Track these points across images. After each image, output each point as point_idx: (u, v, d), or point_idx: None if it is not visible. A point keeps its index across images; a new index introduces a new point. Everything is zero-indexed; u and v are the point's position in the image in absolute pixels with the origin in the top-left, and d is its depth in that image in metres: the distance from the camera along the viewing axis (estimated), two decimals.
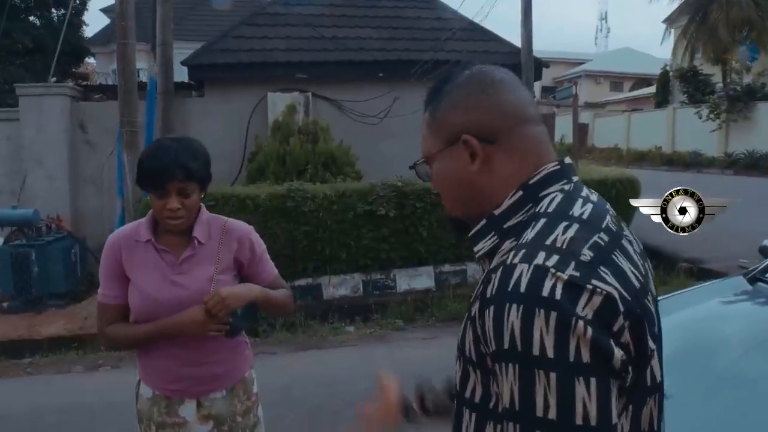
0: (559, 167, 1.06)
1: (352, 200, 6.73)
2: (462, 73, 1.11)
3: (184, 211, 1.88)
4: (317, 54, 8.93)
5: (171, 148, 1.85)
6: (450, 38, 9.38)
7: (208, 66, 8.48)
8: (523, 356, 0.84)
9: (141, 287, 1.92)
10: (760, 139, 22.75)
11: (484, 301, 0.92)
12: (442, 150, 1.11)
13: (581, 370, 0.81)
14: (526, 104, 1.08)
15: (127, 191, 6.76)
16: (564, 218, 0.96)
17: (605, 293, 0.85)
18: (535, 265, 0.87)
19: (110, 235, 2.02)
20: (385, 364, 4.95)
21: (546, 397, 0.82)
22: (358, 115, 8.88)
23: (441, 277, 7.13)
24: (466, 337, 1.00)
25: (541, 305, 0.83)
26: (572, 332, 0.82)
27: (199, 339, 1.91)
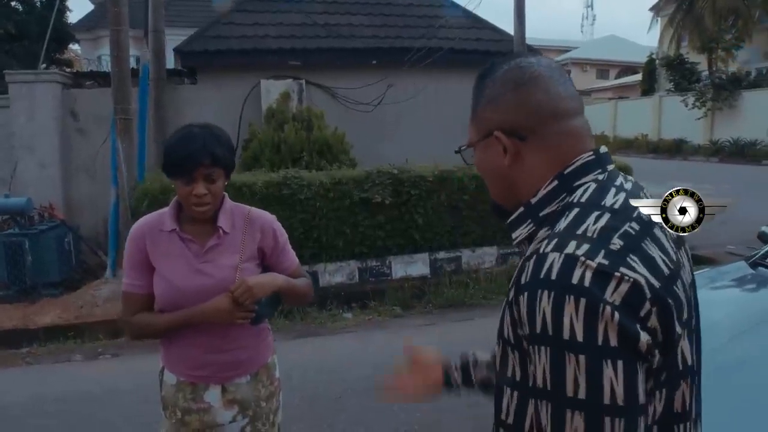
0: (594, 157, 1.08)
1: (348, 188, 6.73)
2: (502, 67, 1.13)
3: (211, 197, 1.88)
4: (310, 41, 8.88)
5: (198, 134, 1.85)
6: (443, 26, 9.38)
7: (200, 53, 8.40)
8: (555, 340, 0.88)
9: (166, 276, 1.92)
10: (744, 126, 22.99)
11: (519, 287, 0.96)
12: (479, 141, 1.15)
13: (609, 353, 0.86)
14: (559, 100, 1.09)
15: (122, 179, 6.72)
16: (596, 208, 0.99)
17: (632, 280, 0.89)
18: (566, 254, 0.91)
19: (134, 225, 2.01)
20: (385, 351, 5.00)
21: (576, 378, 0.86)
22: (352, 102, 8.87)
23: (436, 264, 7.16)
24: (504, 320, 1.04)
25: (571, 292, 0.88)
26: (600, 317, 0.86)
27: (224, 326, 1.92)
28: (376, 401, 1.63)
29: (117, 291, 6.46)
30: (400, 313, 6.23)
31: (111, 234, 7.04)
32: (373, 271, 6.93)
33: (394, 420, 3.84)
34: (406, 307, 6.38)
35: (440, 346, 5.09)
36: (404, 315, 6.19)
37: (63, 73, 8.82)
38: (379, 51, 9.07)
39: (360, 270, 6.89)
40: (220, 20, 8.99)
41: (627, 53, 40.87)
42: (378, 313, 6.15)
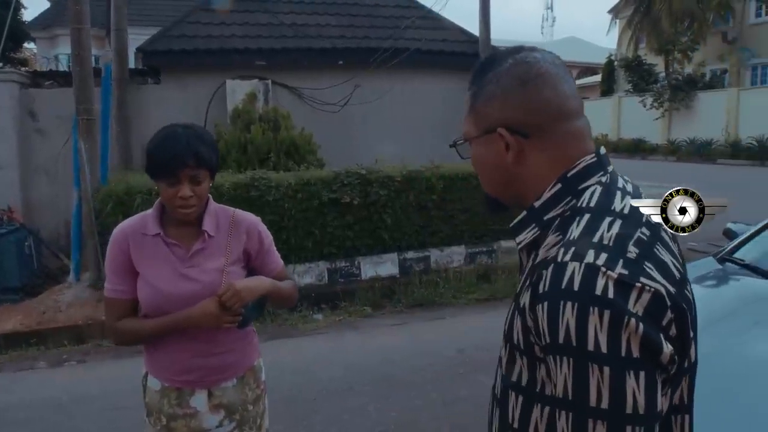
0: (595, 159, 1.08)
1: (317, 188, 6.69)
2: (506, 61, 1.10)
3: (196, 199, 1.84)
4: (276, 41, 8.82)
5: (182, 134, 1.82)
6: (409, 26, 9.41)
7: (164, 52, 8.27)
8: (578, 351, 0.88)
9: (151, 282, 1.88)
10: (700, 126, 23.61)
11: (536, 296, 0.95)
12: (479, 136, 1.13)
13: (632, 365, 0.87)
14: (565, 99, 1.08)
15: (85, 181, 6.56)
16: (607, 213, 0.99)
17: (653, 290, 0.89)
18: (586, 263, 0.90)
19: (116, 228, 1.96)
20: (357, 352, 5.01)
21: (599, 389, 0.87)
22: (319, 103, 8.84)
23: (405, 263, 7.17)
24: (514, 325, 1.04)
25: (595, 303, 0.87)
26: (624, 329, 0.87)
27: (210, 330, 1.89)
28: None
29: (81, 296, 6.32)
30: (370, 313, 6.23)
31: (73, 237, 6.87)
32: (342, 272, 6.91)
33: (370, 420, 3.83)
34: (377, 307, 6.38)
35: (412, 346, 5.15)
36: (375, 315, 6.19)
37: (20, 72, 8.59)
38: (346, 51, 9.05)
39: (329, 271, 6.86)
40: (184, 19, 8.86)
41: (587, 54, 41.54)
42: (348, 314, 6.14)
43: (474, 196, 7.29)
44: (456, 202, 7.24)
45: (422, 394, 4.15)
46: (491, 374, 4.03)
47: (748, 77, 27.25)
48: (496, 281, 6.95)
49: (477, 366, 4.54)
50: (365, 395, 4.16)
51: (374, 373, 4.53)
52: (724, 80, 27.68)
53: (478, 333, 5.34)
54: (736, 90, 24.05)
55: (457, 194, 7.23)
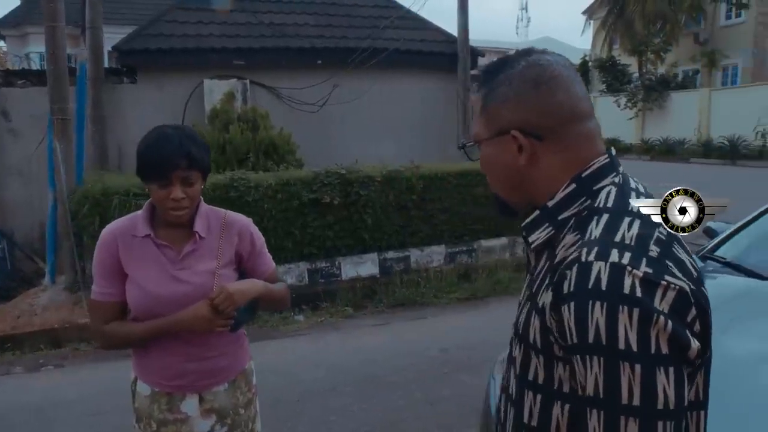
0: (608, 160, 1.10)
1: (297, 189, 6.66)
2: (518, 63, 1.11)
3: (188, 200, 1.81)
4: (254, 40, 8.76)
5: (173, 135, 1.79)
6: (388, 26, 9.41)
7: (140, 51, 8.16)
8: (609, 350, 0.89)
9: (141, 284, 1.84)
10: (673, 126, 23.97)
11: (560, 296, 0.95)
12: (491, 138, 1.13)
13: (661, 361, 0.88)
14: (577, 101, 1.09)
15: (60, 182, 6.45)
16: (625, 213, 1.00)
17: (678, 288, 0.91)
18: (611, 263, 0.91)
19: (104, 230, 1.91)
20: (340, 352, 4.99)
21: (630, 386, 0.88)
22: (297, 102, 8.80)
23: (385, 263, 7.16)
24: (530, 325, 1.05)
25: (624, 302, 0.89)
26: (653, 326, 0.88)
27: (202, 334, 1.86)
28: None
29: (57, 299, 6.21)
30: (352, 313, 6.21)
31: (49, 239, 6.75)
32: (322, 272, 6.88)
33: (354, 421, 3.82)
34: (358, 307, 6.36)
35: (394, 345, 5.14)
36: (356, 315, 6.18)
37: None
38: (325, 51, 9.02)
39: (310, 271, 6.83)
40: (161, 18, 8.75)
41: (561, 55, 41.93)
42: (330, 314, 6.12)
43: (454, 196, 7.32)
44: (436, 201, 7.26)
45: (406, 394, 4.14)
46: (475, 373, 4.06)
47: (719, 78, 27.76)
48: (477, 280, 6.97)
49: (460, 365, 4.55)
50: (349, 396, 4.15)
51: (357, 374, 4.51)
52: (696, 81, 28.16)
53: (461, 332, 5.36)
54: (708, 90, 24.46)
55: (436, 194, 7.24)
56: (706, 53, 27.12)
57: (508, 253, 7.72)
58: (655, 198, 1.06)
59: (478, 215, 7.48)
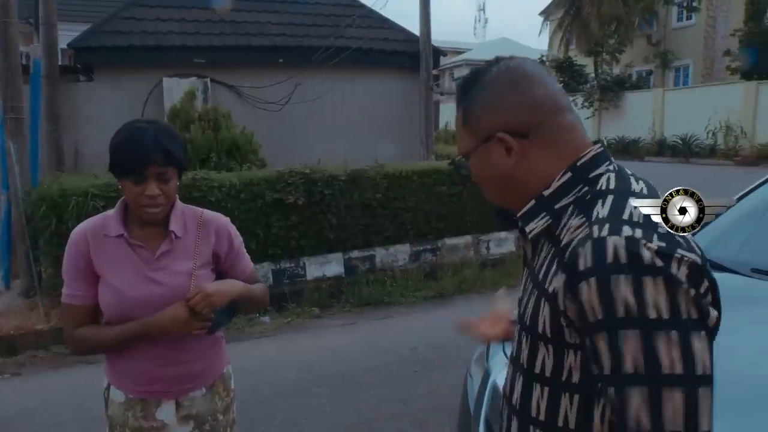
0: (602, 149, 1.11)
1: (260, 188, 6.58)
2: (489, 71, 1.14)
3: (163, 198, 1.74)
4: (214, 38, 8.63)
5: (148, 130, 1.72)
6: (350, 25, 9.37)
7: (96, 49, 7.96)
8: (641, 321, 0.88)
9: (115, 286, 1.76)
10: (628, 125, 24.50)
11: (576, 275, 0.93)
12: (478, 146, 1.14)
13: (695, 326, 0.89)
14: (556, 95, 1.11)
15: (14, 183, 6.23)
16: (629, 194, 1.01)
17: (691, 260, 0.91)
18: (626, 237, 0.91)
19: (73, 231, 1.82)
20: (308, 352, 4.93)
21: (670, 355, 0.87)
22: (259, 101, 8.69)
23: (350, 263, 7.13)
24: (539, 314, 1.03)
25: (648, 272, 0.89)
26: (679, 292, 0.88)
27: (178, 337, 1.79)
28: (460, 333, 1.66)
29: (12, 305, 6.01)
30: (318, 314, 6.16)
31: (2, 242, 6.52)
32: (287, 273, 6.81)
33: (328, 422, 3.78)
34: (324, 307, 6.32)
35: (364, 345, 5.10)
36: (323, 316, 6.13)
37: None
38: (286, 49, 8.94)
39: (274, 272, 6.75)
40: (117, 14, 8.54)
41: (519, 55, 42.31)
42: (296, 315, 6.05)
43: (418, 195, 7.33)
44: (400, 200, 7.25)
45: (379, 394, 4.12)
46: (446, 372, 4.06)
47: (672, 78, 28.53)
48: (443, 279, 6.99)
49: (431, 364, 4.55)
50: (321, 397, 4.10)
51: (328, 374, 4.47)
52: (649, 81, 28.88)
53: (429, 331, 5.36)
54: (662, 90, 25.06)
55: (401, 193, 7.24)
56: (658, 54, 27.87)
57: (472, 251, 7.76)
58: (653, 186, 1.08)
59: (442, 213, 7.51)
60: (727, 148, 20.39)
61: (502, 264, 7.45)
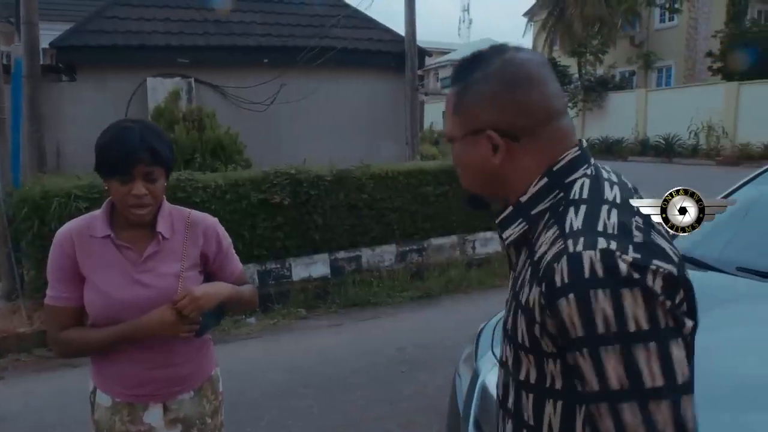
0: (580, 152, 1.09)
1: (246, 189, 6.54)
2: (493, 61, 1.09)
3: (151, 198, 1.71)
4: (199, 38, 8.57)
5: (134, 129, 1.69)
6: (335, 25, 9.35)
7: (79, 48, 7.87)
8: (621, 335, 0.88)
9: (101, 288, 1.73)
10: (611, 125, 24.70)
11: (554, 291, 0.92)
12: (465, 137, 1.12)
13: (673, 334, 0.89)
14: (552, 100, 1.09)
15: None
16: (602, 203, 1.00)
17: (666, 272, 0.91)
18: (601, 249, 0.90)
19: (59, 231, 1.79)
20: (295, 354, 4.91)
21: (651, 367, 0.87)
22: (244, 101, 8.65)
23: (336, 264, 7.12)
24: (518, 324, 1.03)
25: (626, 285, 0.88)
26: (657, 303, 0.88)
27: (165, 340, 1.77)
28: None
29: None
30: (305, 314, 6.14)
31: None
32: (273, 274, 6.78)
33: (315, 423, 3.76)
34: (311, 308, 6.29)
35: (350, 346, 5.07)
36: (310, 317, 6.10)
37: None
38: (271, 49, 8.90)
39: (260, 273, 6.72)
40: (100, 14, 8.45)
41: None
42: (282, 316, 6.02)
43: (404, 195, 7.33)
44: (386, 200, 7.25)
45: (366, 395, 4.11)
46: (433, 372, 4.06)
47: (654, 79, 28.80)
48: (429, 279, 6.99)
49: (418, 364, 4.55)
50: (308, 398, 4.08)
51: (315, 375, 4.45)
52: (632, 81, 29.13)
53: (416, 331, 5.36)
54: (645, 91, 25.29)
55: (387, 193, 7.23)
56: (641, 55, 28.14)
57: (458, 251, 7.78)
58: (631, 189, 1.07)
59: (428, 214, 7.52)
60: (708, 148, 20.61)
61: (488, 264, 7.47)
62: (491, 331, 2.56)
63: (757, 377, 1.83)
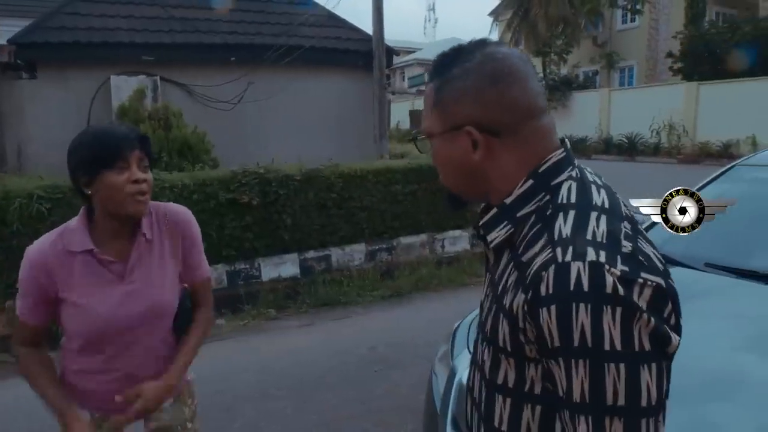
0: (564, 154, 1.08)
1: (214, 189, 6.47)
2: (474, 55, 1.07)
3: (147, 186, 1.65)
4: (164, 35, 8.43)
5: (114, 123, 1.67)
6: (303, 24, 9.30)
7: (40, 45, 7.67)
8: (594, 352, 0.87)
9: (86, 306, 1.64)
10: (575, 124, 25.02)
11: (537, 299, 0.92)
12: (444, 133, 1.10)
13: (645, 358, 0.88)
14: (534, 97, 1.07)
15: None
16: (591, 208, 0.98)
17: (655, 284, 0.90)
18: (589, 262, 0.89)
19: (31, 250, 1.67)
20: (268, 354, 4.86)
21: (615, 387, 0.87)
22: (211, 100, 8.54)
23: (306, 263, 7.08)
24: (499, 328, 1.02)
25: (608, 302, 0.87)
26: (635, 324, 0.87)
27: (141, 354, 1.72)
28: None
29: None
30: (275, 315, 6.09)
31: None
32: (242, 274, 6.72)
33: (290, 424, 3.73)
34: (281, 308, 6.25)
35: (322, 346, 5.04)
36: (280, 317, 6.06)
37: None
38: (238, 47, 8.80)
39: (229, 273, 6.65)
40: (61, 10, 8.25)
41: None
42: (253, 317, 5.97)
43: (373, 194, 7.33)
44: (355, 200, 7.24)
45: (339, 394, 4.09)
46: (406, 371, 4.05)
47: (617, 78, 29.31)
48: (399, 278, 7.00)
49: (391, 363, 4.55)
50: (282, 399, 4.05)
51: (288, 376, 4.42)
52: (596, 81, 29.60)
53: (387, 330, 5.36)
54: (608, 90, 25.70)
55: (356, 192, 7.22)
56: (604, 55, 28.62)
57: (427, 250, 7.81)
58: (615, 192, 1.06)
59: (397, 213, 7.53)
60: (670, 146, 21.04)
61: (458, 262, 7.51)
62: (466, 330, 2.58)
63: (724, 371, 1.87)
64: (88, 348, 1.69)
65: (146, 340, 1.73)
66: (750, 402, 1.71)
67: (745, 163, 3.32)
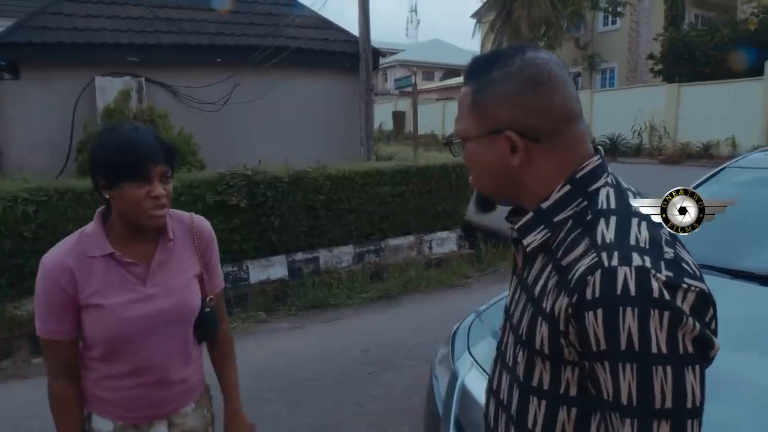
0: (600, 161, 1.09)
1: (201, 191, 6.44)
2: (513, 60, 1.07)
3: (167, 198, 1.61)
4: (149, 36, 8.36)
5: (143, 128, 1.60)
6: (289, 25, 9.27)
7: (23, 45, 7.57)
8: (641, 355, 0.88)
9: (110, 310, 1.60)
10: None
11: (583, 303, 0.92)
12: (482, 137, 1.10)
13: (689, 360, 0.89)
14: (572, 102, 1.08)
15: None
16: (631, 215, 1.00)
17: (698, 290, 0.91)
18: (636, 266, 0.90)
19: (49, 258, 1.61)
20: (259, 357, 4.84)
21: (663, 389, 0.88)
22: (197, 102, 8.48)
23: (294, 265, 7.07)
24: (536, 331, 1.02)
25: (655, 306, 0.88)
26: (681, 328, 0.88)
27: (166, 357, 1.69)
28: None
29: None
30: (265, 318, 6.07)
31: None
32: (230, 277, 6.68)
33: (284, 427, 3.72)
34: (270, 311, 6.23)
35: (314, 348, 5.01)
36: (270, 320, 6.04)
37: None
38: (225, 48, 8.76)
39: None
40: (44, 10, 8.15)
41: (451, 56, 43.02)
42: (242, 320, 5.94)
43: (361, 196, 7.33)
44: (343, 201, 7.24)
45: (333, 397, 4.08)
46: (399, 372, 4.05)
47: (599, 80, 29.58)
48: (388, 279, 7.01)
49: (383, 365, 4.55)
50: (275, 402, 4.03)
51: (281, 379, 4.40)
52: (578, 82, 29.83)
53: (378, 332, 5.36)
54: (590, 92, 25.87)
55: (344, 194, 7.22)
56: (586, 57, 28.86)
57: (415, 251, 7.83)
58: (651, 198, 1.06)
59: (385, 214, 7.54)
60: (651, 147, 21.23)
61: (446, 263, 7.54)
62: (466, 332, 2.58)
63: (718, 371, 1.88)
64: (111, 354, 1.66)
65: (170, 342, 1.71)
66: (744, 402, 1.73)
67: (735, 165, 3.35)
